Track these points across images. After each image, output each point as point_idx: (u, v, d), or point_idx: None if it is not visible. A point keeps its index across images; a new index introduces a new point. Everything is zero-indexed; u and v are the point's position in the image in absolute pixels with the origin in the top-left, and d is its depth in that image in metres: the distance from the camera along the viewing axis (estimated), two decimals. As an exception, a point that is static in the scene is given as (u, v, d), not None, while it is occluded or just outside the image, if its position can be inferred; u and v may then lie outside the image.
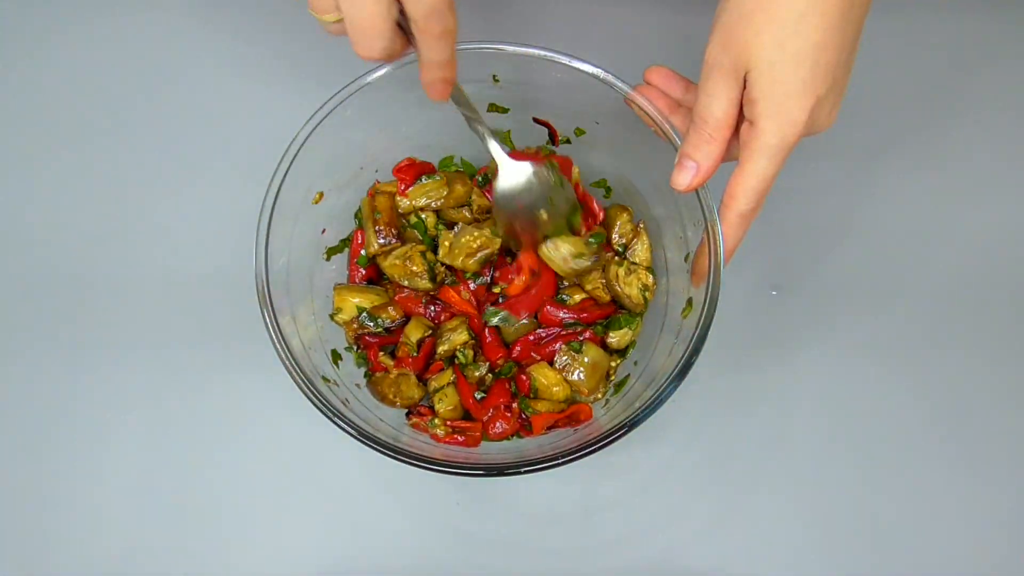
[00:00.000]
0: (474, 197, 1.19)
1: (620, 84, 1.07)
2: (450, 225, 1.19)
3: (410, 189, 1.16)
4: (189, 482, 1.20)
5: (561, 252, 1.12)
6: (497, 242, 1.13)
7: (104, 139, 1.35)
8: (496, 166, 1.07)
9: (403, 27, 0.88)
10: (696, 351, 0.99)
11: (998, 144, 1.36)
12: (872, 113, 1.36)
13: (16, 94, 1.38)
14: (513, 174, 1.08)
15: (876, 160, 1.34)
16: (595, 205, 1.17)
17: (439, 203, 1.17)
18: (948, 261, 1.30)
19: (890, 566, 1.17)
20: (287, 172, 1.05)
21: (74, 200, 1.32)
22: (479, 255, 1.13)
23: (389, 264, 1.15)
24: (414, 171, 1.17)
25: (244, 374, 1.23)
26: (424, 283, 1.14)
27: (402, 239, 1.17)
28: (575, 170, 1.17)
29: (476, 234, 1.13)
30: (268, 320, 1.01)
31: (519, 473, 0.97)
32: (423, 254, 1.14)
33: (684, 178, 0.99)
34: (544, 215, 1.10)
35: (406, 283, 1.15)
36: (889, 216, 1.32)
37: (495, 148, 1.06)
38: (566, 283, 1.17)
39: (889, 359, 1.25)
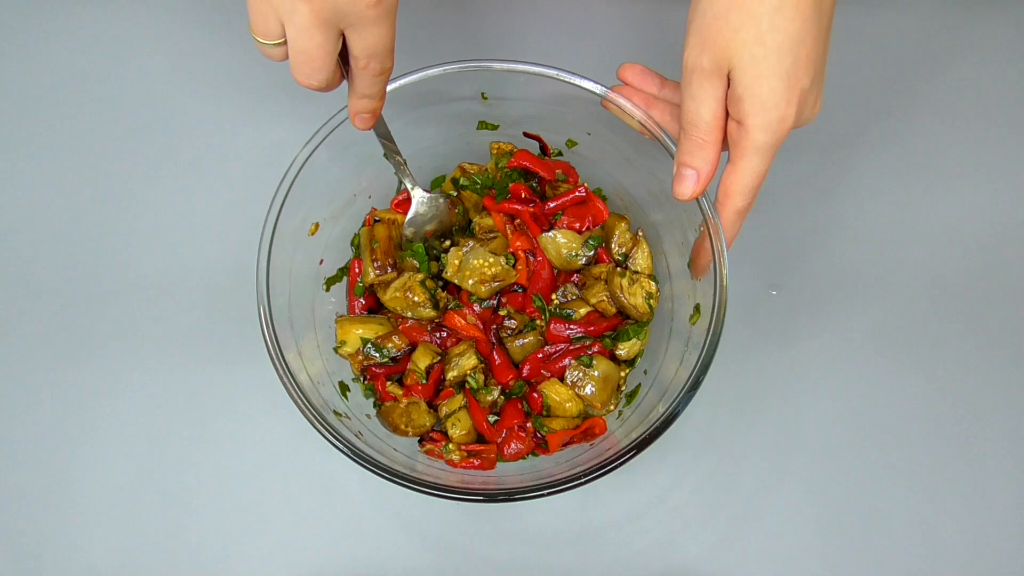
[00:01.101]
0: (476, 219, 1.20)
1: (606, 92, 1.08)
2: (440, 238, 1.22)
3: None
4: (194, 511, 1.22)
5: (558, 242, 1.15)
6: (513, 275, 1.15)
7: (103, 153, 1.38)
8: (409, 195, 1.18)
9: (341, 59, 0.92)
10: (711, 357, 1.00)
11: (988, 134, 1.37)
12: (853, 104, 1.37)
13: (18, 98, 1.40)
14: (423, 202, 1.19)
15: (860, 150, 1.36)
16: (600, 205, 1.18)
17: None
18: (945, 250, 1.31)
19: (909, 566, 1.19)
20: (283, 204, 1.07)
21: (74, 215, 1.35)
22: (492, 285, 1.14)
23: (390, 298, 1.15)
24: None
25: (248, 400, 1.25)
26: (428, 312, 1.15)
27: (398, 269, 1.18)
28: (577, 174, 1.21)
29: (492, 260, 1.14)
30: (275, 358, 1.03)
31: (542, 496, 0.98)
32: (423, 283, 1.15)
33: (686, 187, 0.99)
34: (447, 243, 1.21)
35: (409, 314, 1.16)
36: (879, 206, 1.33)
37: (408, 179, 1.16)
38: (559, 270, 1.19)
39: (898, 353, 1.26)
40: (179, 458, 1.23)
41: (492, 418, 1.13)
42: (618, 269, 1.15)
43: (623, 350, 1.16)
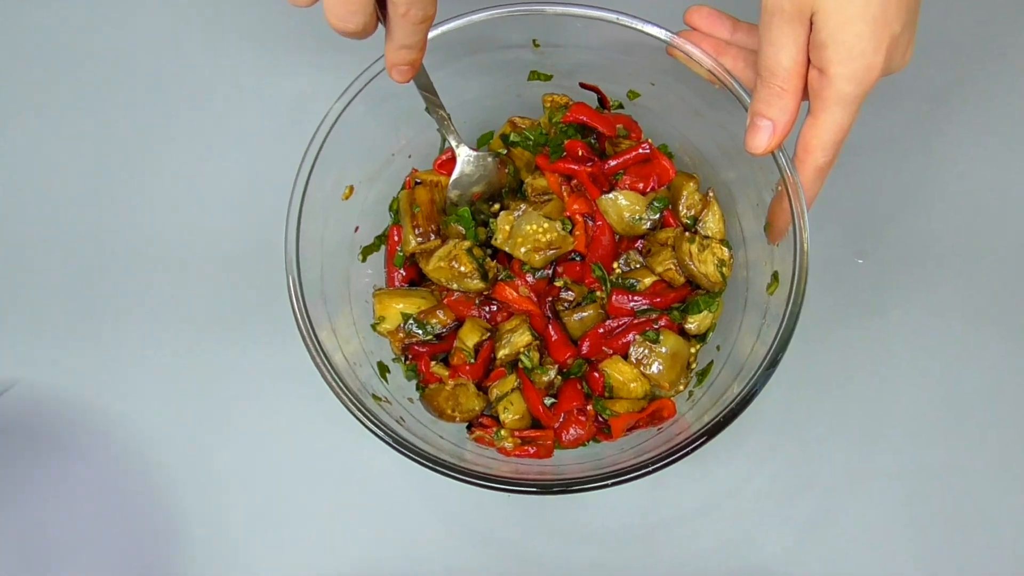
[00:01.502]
0: (528, 180, 1.17)
1: (671, 38, 1.05)
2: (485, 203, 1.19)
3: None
4: (218, 502, 1.21)
5: (619, 204, 1.12)
6: (570, 241, 1.11)
7: (114, 110, 1.36)
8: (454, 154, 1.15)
9: (379, 4, 0.88)
10: (790, 331, 0.97)
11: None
12: (949, 51, 1.32)
13: (20, 46, 1.38)
14: (469, 161, 1.15)
15: (956, 103, 1.31)
16: (666, 163, 1.14)
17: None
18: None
19: (1013, 566, 1.15)
20: (313, 165, 1.04)
21: (82, 178, 1.33)
22: (548, 253, 1.11)
23: (433, 268, 1.12)
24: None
25: (277, 384, 1.23)
26: (476, 283, 1.11)
27: (442, 236, 1.15)
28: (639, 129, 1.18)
29: (546, 225, 1.10)
30: (307, 336, 1.01)
31: (604, 487, 0.95)
32: (470, 251, 1.11)
33: (760, 139, 0.96)
34: (496, 206, 1.18)
35: (455, 286, 1.13)
36: (977, 165, 1.29)
37: (452, 136, 1.13)
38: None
39: (998, 327, 1.23)
40: (202, 446, 1.22)
41: (548, 401, 1.10)
42: (686, 234, 1.11)
43: (693, 324, 1.11)
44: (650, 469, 0.94)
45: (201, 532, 1.19)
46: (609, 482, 0.94)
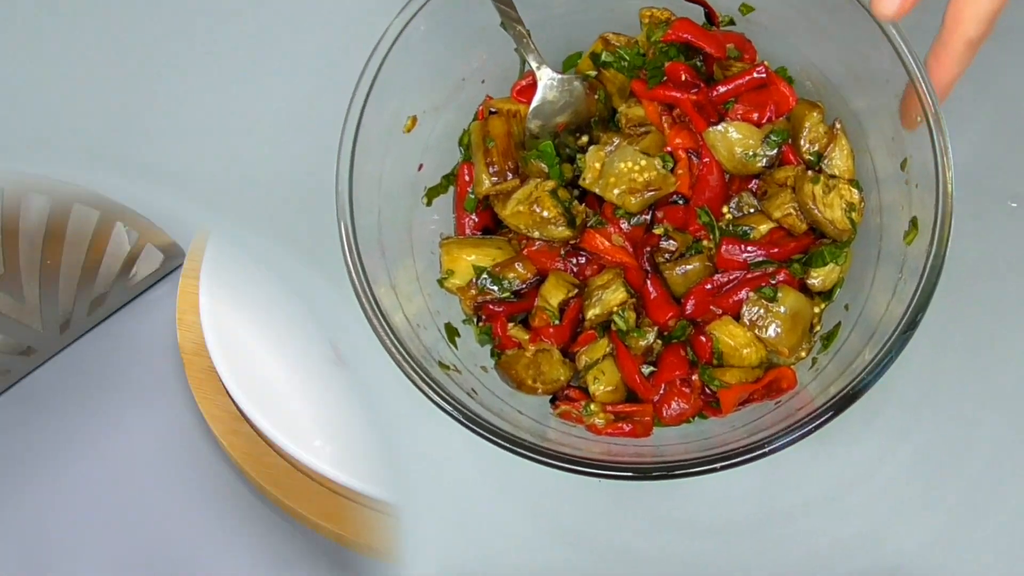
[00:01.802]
0: (622, 109, 1.10)
1: None
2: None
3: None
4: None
5: (730, 138, 1.05)
6: (672, 181, 1.04)
7: (135, 25, 1.29)
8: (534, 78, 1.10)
9: None
10: (932, 288, 0.90)
11: None
12: None
13: None
14: (552, 85, 1.10)
15: None
16: (785, 89, 1.06)
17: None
18: None
19: None
20: (369, 92, 0.98)
21: (97, 105, 1.27)
22: (646, 195, 1.03)
23: (511, 213, 1.06)
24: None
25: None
26: (561, 231, 1.05)
27: (521, 175, 1.08)
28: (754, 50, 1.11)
29: (643, 163, 1.02)
30: (362, 293, 0.95)
31: (712, 471, 0.89)
32: (553, 192, 1.05)
33: (891, 1, 0.89)
34: (584, 139, 1.12)
35: (536, 234, 1.06)
36: None
37: (533, 56, 1.07)
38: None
39: None
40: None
41: (647, 369, 1.03)
42: (809, 173, 1.03)
43: (817, 278, 1.04)
44: (766, 450, 0.88)
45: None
46: (718, 465, 0.89)
